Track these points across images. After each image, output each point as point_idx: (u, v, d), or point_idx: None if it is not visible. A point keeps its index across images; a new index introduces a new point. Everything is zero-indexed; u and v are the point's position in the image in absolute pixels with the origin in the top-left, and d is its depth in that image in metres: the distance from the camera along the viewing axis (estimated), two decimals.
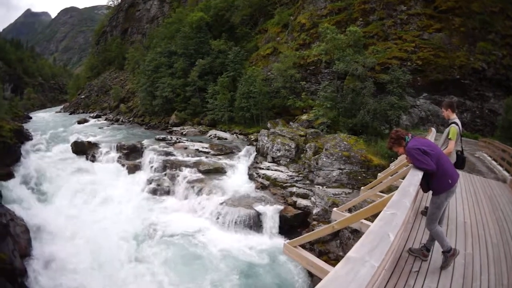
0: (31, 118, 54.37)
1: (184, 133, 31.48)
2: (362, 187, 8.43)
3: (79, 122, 44.02)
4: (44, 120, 52.77)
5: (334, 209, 6.38)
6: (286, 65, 25.90)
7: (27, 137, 31.28)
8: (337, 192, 13.64)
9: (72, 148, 26.91)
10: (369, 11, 25.40)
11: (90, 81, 72.93)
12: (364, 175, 14.20)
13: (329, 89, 21.21)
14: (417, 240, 4.89)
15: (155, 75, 39.39)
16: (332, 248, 11.64)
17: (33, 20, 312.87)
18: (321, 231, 4.93)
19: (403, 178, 6.04)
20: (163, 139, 28.03)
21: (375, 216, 4.29)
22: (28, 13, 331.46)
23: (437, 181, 4.18)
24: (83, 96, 67.68)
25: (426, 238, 4.68)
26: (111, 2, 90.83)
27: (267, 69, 29.78)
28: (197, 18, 38.21)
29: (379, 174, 10.02)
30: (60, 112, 66.53)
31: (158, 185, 20.16)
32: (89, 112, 57.89)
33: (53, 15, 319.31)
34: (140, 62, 48.92)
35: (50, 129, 37.50)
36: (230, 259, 13.33)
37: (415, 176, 3.95)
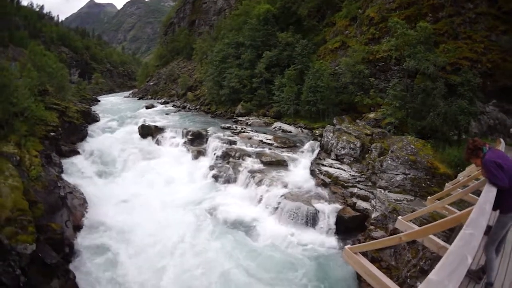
0: (99, 101, 57.85)
1: (249, 123, 32.10)
2: (428, 197, 8.16)
3: (147, 107, 46.30)
4: (112, 103, 55.71)
5: (399, 217, 6.13)
6: (354, 60, 25.13)
7: (94, 118, 33.86)
8: (398, 198, 13.20)
9: (139, 131, 28.63)
10: (438, 7, 23.59)
11: (159, 69, 76.12)
12: (428, 183, 13.56)
13: (398, 88, 20.37)
14: (475, 261, 4.67)
15: (222, 66, 40.22)
16: (385, 256, 11.23)
17: (98, 11, 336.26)
18: (386, 241, 4.72)
19: (473, 192, 5.86)
20: (228, 128, 28.90)
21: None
22: (92, 4, 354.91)
23: (507, 199, 3.94)
24: (151, 83, 71.04)
25: (484, 259, 4.50)
26: None
27: (335, 64, 29.06)
28: (264, 10, 38.29)
29: (446, 184, 9.65)
30: (128, 97, 70.19)
31: (220, 172, 20.86)
32: (157, 99, 60.31)
33: (118, 6, 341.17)
34: (208, 53, 50.06)
35: (117, 112, 39.82)
36: (282, 252, 13.58)
37: (490, 193, 3.74)
